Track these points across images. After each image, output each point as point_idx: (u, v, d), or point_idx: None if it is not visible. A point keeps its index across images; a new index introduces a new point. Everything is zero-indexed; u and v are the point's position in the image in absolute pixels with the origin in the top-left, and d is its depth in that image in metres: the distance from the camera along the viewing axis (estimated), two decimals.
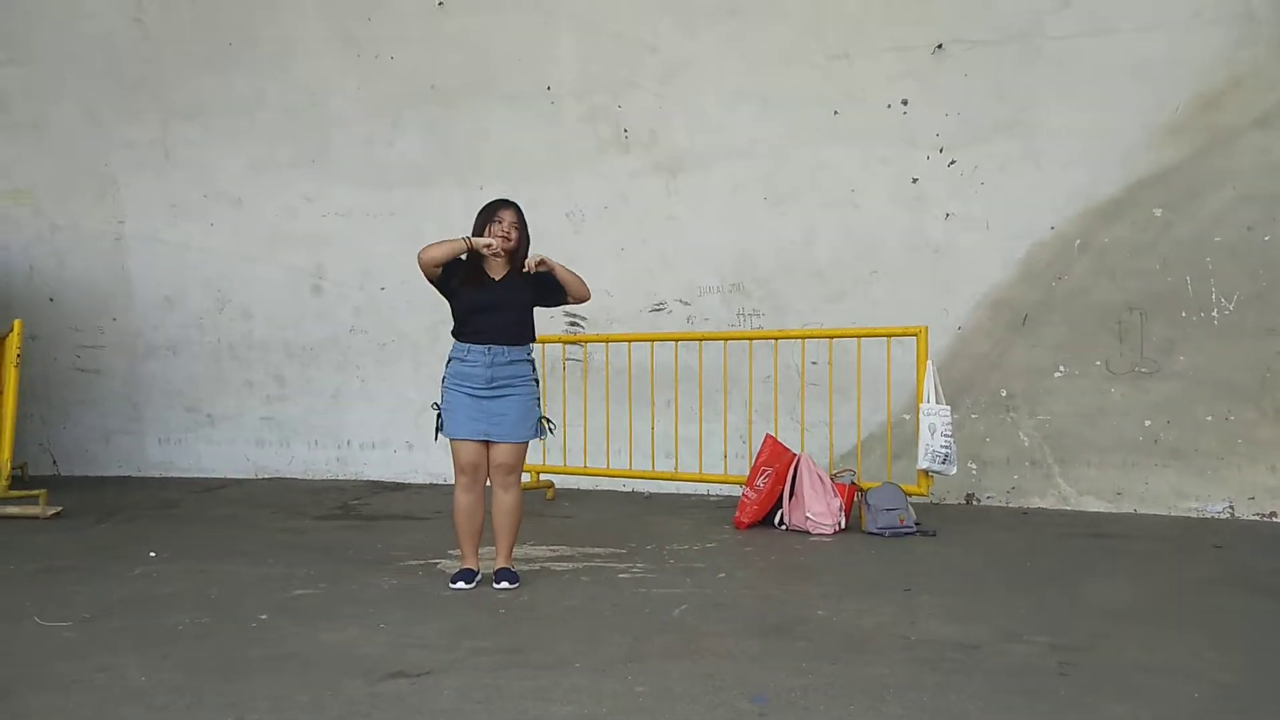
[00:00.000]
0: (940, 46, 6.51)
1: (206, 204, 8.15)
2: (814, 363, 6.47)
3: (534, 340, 4.34)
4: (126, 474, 8.36)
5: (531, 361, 4.30)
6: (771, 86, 6.90)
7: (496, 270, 4.26)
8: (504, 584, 4.19)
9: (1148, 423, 6.16)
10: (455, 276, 4.23)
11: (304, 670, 3.11)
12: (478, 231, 4.22)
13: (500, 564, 4.28)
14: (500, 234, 4.19)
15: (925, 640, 3.39)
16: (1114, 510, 6.15)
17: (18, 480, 6.83)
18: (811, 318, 6.75)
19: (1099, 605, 3.90)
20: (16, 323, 6.66)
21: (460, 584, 4.20)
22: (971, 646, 3.31)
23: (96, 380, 8.44)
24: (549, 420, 4.39)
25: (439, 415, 4.23)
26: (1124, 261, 6.22)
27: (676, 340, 6.64)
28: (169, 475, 8.25)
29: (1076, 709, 2.74)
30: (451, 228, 4.76)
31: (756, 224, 6.96)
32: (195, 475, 8.21)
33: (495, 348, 4.16)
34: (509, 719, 2.69)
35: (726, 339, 6.51)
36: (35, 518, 6.07)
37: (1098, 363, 6.27)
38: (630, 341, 6.77)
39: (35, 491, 6.36)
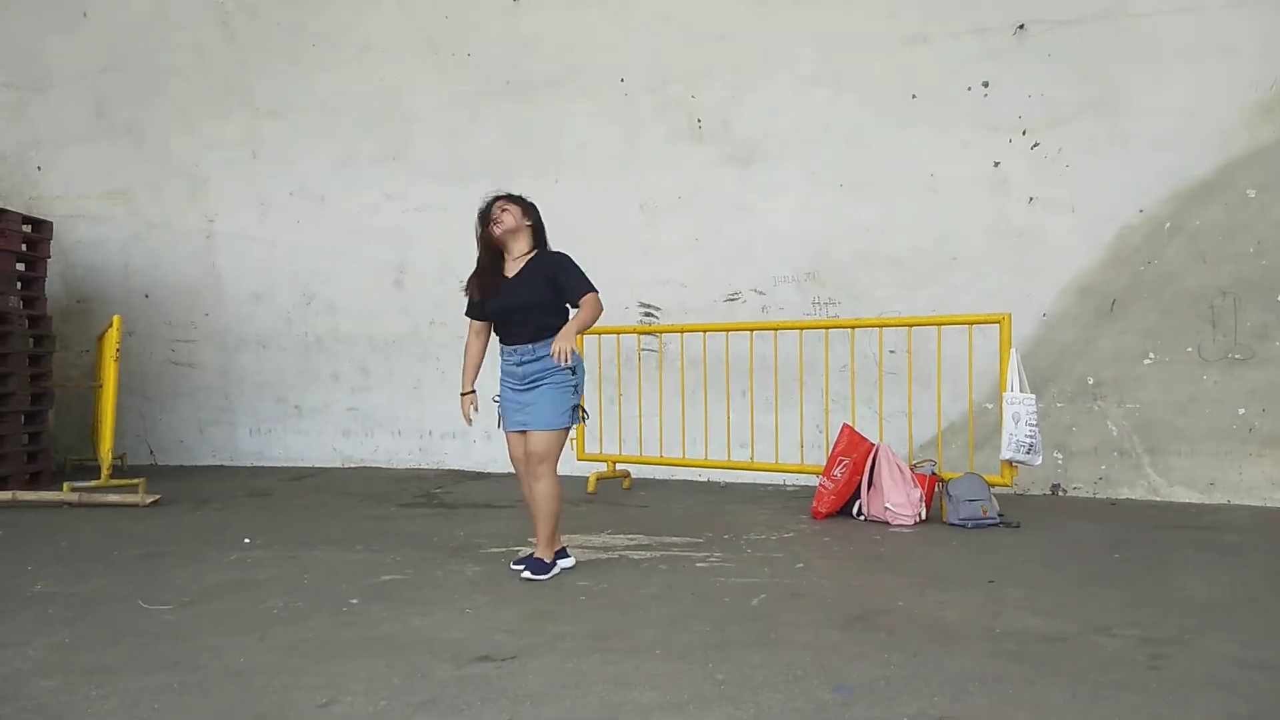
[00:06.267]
0: (1022, 27, 6.37)
1: (292, 201, 8.39)
2: (892, 351, 6.40)
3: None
4: (220, 463, 8.67)
5: None
6: (846, 72, 6.83)
7: (511, 265, 4.29)
8: (526, 572, 4.16)
9: (1242, 411, 5.96)
10: (474, 290, 4.32)
11: (394, 653, 3.20)
12: (480, 233, 4.30)
13: (534, 551, 4.28)
14: (493, 227, 4.25)
15: (1010, 632, 3.34)
16: (1206, 501, 5.97)
17: (117, 470, 7.12)
18: (889, 306, 6.67)
19: (1191, 598, 3.80)
20: (115, 319, 6.93)
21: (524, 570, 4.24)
22: (1058, 639, 3.25)
23: (190, 373, 8.76)
24: (583, 410, 4.29)
25: (499, 409, 4.34)
26: (1217, 244, 6.03)
27: (751, 330, 6.62)
28: (260, 464, 8.54)
29: (1168, 703, 2.68)
30: None
31: (832, 212, 6.90)
32: (284, 464, 8.48)
33: (521, 347, 4.24)
34: (593, 704, 2.73)
35: (802, 328, 6.46)
36: (135, 505, 6.32)
37: (1189, 349, 6.09)
38: (705, 332, 6.78)
39: (134, 480, 6.63)
